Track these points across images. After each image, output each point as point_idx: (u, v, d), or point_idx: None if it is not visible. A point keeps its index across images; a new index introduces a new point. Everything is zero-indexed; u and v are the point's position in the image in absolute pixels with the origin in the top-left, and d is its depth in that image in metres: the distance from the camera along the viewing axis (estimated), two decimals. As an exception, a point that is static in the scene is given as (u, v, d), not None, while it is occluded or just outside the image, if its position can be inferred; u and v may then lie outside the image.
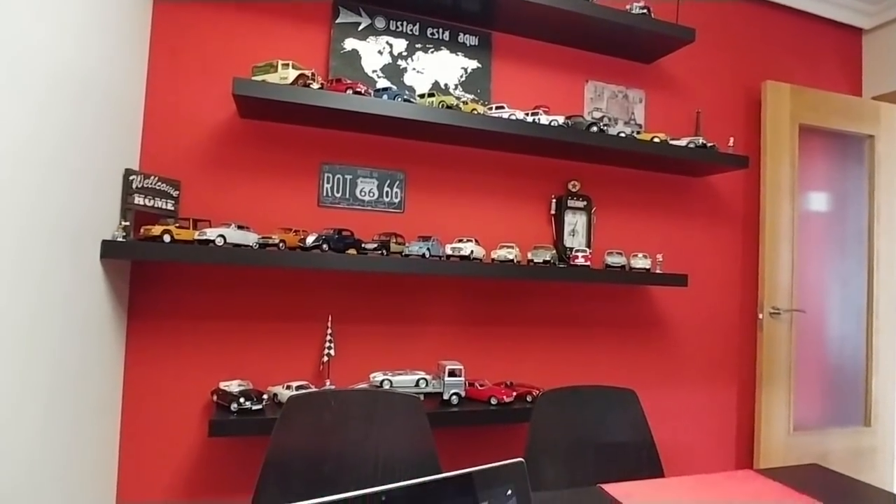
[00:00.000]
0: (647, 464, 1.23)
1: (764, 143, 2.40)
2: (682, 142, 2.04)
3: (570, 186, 2.09)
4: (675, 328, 2.29)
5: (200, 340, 1.68)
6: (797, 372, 2.47)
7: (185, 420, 1.65)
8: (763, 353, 2.38)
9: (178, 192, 1.66)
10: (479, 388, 1.78)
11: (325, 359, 1.72)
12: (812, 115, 2.51)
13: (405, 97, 1.67)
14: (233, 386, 1.60)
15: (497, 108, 1.80)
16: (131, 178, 1.52)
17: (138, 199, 1.54)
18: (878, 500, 0.98)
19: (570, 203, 2.06)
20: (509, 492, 0.48)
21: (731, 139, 2.19)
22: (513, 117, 1.77)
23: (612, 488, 0.96)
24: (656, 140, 1.97)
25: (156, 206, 1.60)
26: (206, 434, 1.65)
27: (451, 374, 1.73)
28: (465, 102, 1.79)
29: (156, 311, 1.64)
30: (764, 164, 2.39)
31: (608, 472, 1.11)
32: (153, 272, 1.65)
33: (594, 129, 1.87)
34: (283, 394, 1.59)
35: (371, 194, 1.85)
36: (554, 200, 2.07)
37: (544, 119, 1.82)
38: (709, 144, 2.05)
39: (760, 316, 2.39)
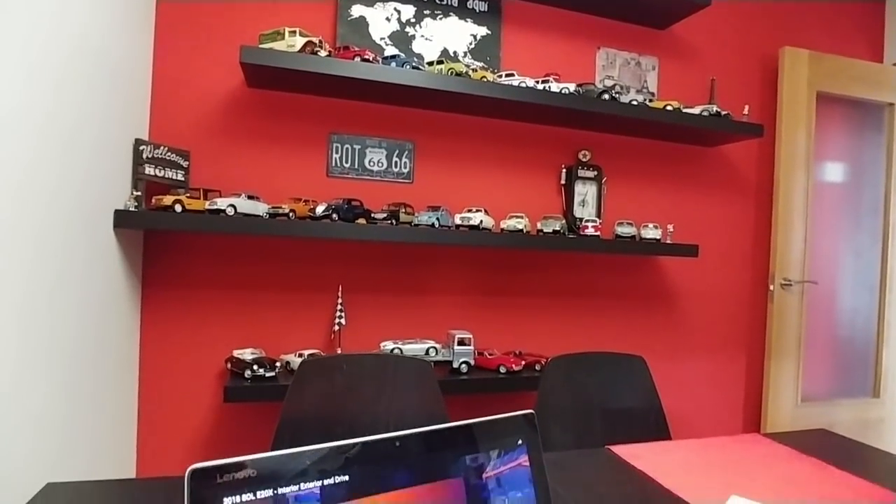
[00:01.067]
0: (654, 429, 1.24)
1: (780, 112, 2.34)
2: (696, 110, 2.00)
3: (580, 156, 2.07)
4: (684, 299, 2.29)
5: (213, 310, 1.70)
6: (806, 343, 2.46)
7: (200, 387, 1.68)
8: (773, 325, 2.38)
9: (187, 163, 1.66)
10: (489, 357, 1.80)
11: (336, 328, 1.74)
12: (830, 82, 2.44)
13: (414, 65, 1.65)
14: (246, 354, 1.63)
15: (507, 75, 1.78)
16: (141, 148, 1.53)
17: (149, 170, 1.55)
18: (885, 463, 0.99)
19: (581, 173, 2.04)
20: (520, 441, 0.49)
21: (746, 107, 2.14)
22: (523, 85, 1.75)
23: (619, 449, 0.98)
24: (669, 108, 1.94)
25: (166, 176, 1.60)
26: (221, 400, 1.69)
27: (461, 342, 1.75)
28: (474, 70, 1.76)
29: (169, 281, 1.66)
30: (779, 133, 2.35)
31: (616, 436, 1.13)
32: (165, 242, 1.66)
33: (606, 96, 1.84)
34: (296, 362, 1.62)
35: (380, 164, 1.84)
36: (564, 170, 2.05)
37: (555, 87, 1.79)
38: (723, 113, 2.01)
39: (771, 287, 2.38)
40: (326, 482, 0.39)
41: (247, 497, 0.36)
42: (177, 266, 1.67)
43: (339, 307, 1.74)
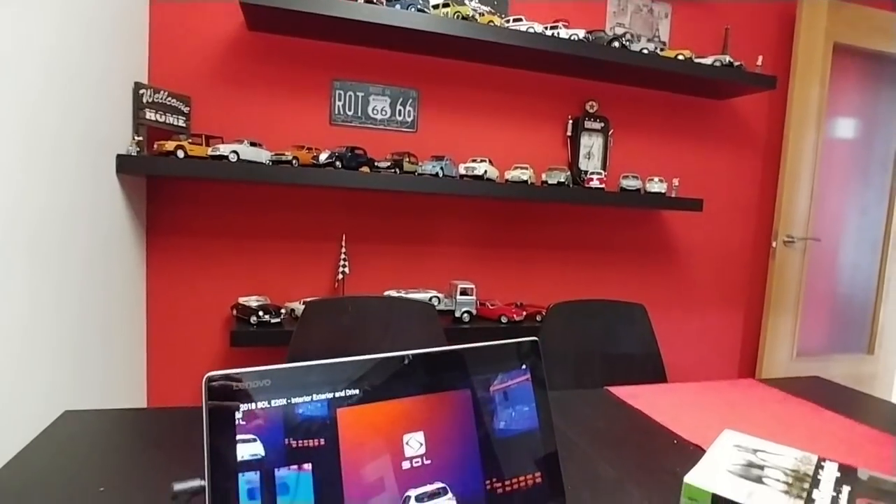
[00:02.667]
0: (652, 375, 1.27)
1: (794, 64, 2.28)
2: (708, 60, 1.94)
3: (587, 107, 2.03)
4: (687, 254, 2.29)
5: (218, 258, 1.71)
6: (805, 300, 2.48)
7: (207, 332, 1.72)
8: (773, 281, 2.39)
9: (188, 109, 1.64)
10: (490, 307, 1.82)
11: (340, 276, 1.76)
12: (849, 33, 2.36)
13: (419, 7, 1.60)
14: (251, 301, 1.66)
15: (514, 20, 1.72)
16: (141, 92, 1.50)
17: (150, 115, 1.53)
18: (877, 408, 1.02)
19: (587, 124, 2.01)
20: (524, 366, 0.50)
21: (760, 58, 2.08)
22: (531, 30, 1.69)
23: (617, 390, 1.01)
24: (680, 57, 1.89)
25: (167, 121, 1.58)
26: (227, 345, 1.72)
27: (463, 293, 1.77)
28: (481, 14, 1.70)
29: (173, 229, 1.67)
30: (792, 85, 2.29)
31: (614, 380, 1.16)
32: (168, 189, 1.66)
33: (616, 44, 1.79)
34: (300, 309, 1.64)
35: (384, 112, 1.81)
36: (570, 121, 2.01)
37: (564, 33, 1.74)
38: (736, 63, 1.95)
39: (774, 244, 2.38)
40: (338, 394, 0.40)
41: (261, 405, 0.38)
42: (180, 214, 1.67)
43: (342, 256, 1.75)
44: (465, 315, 1.76)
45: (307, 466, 0.38)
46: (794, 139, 2.32)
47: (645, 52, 1.83)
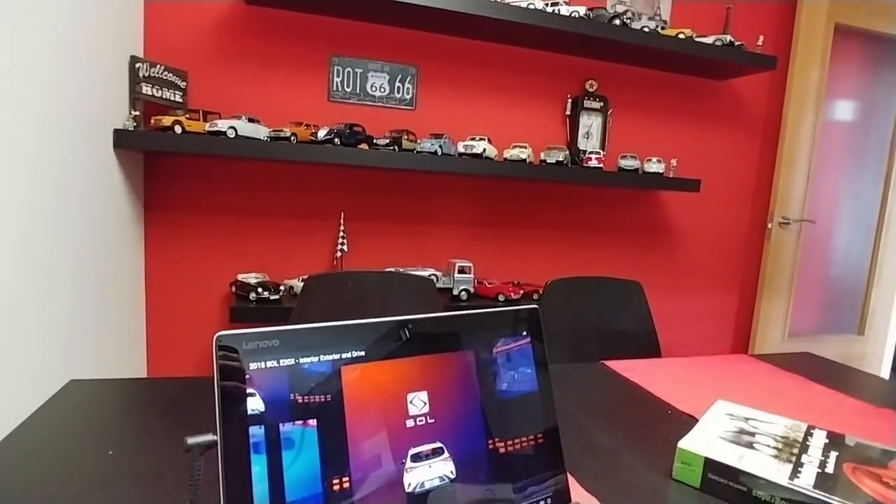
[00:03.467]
0: (647, 351, 1.29)
1: (795, 44, 2.27)
2: (709, 39, 1.93)
3: (587, 86, 2.02)
4: (683, 234, 2.31)
5: (217, 235, 1.71)
6: (798, 281, 2.51)
7: (206, 308, 1.73)
8: (767, 263, 2.41)
9: (185, 83, 1.62)
10: (488, 285, 1.83)
11: (339, 254, 1.76)
12: (851, 14, 2.35)
13: (418, -19, 1.57)
14: (250, 278, 1.66)
15: (515, -4, 1.70)
16: (137, 66, 1.48)
17: (146, 89, 1.51)
18: (866, 382, 1.04)
19: (587, 104, 2.00)
20: (524, 332, 0.51)
21: (761, 38, 2.07)
22: (531, 6, 1.68)
23: (613, 364, 1.02)
24: (681, 36, 1.87)
25: (164, 96, 1.57)
26: (227, 321, 1.73)
27: (461, 271, 1.78)
28: (481, -11, 1.68)
29: (171, 205, 1.66)
30: (792, 66, 2.28)
31: (610, 356, 1.17)
32: (166, 166, 1.65)
33: (616, 22, 1.77)
34: (299, 286, 1.65)
35: (382, 90, 1.80)
36: (570, 101, 2.00)
37: (564, 10, 1.72)
38: (737, 43, 1.94)
39: (769, 225, 2.40)
40: (344, 355, 0.42)
41: (270, 364, 0.39)
42: (178, 191, 1.67)
43: (341, 234, 1.76)
44: (463, 293, 1.77)
45: (312, 422, 0.39)
46: (793, 121, 2.32)
47: (646, 30, 1.82)
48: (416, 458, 0.42)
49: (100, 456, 0.58)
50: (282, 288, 1.65)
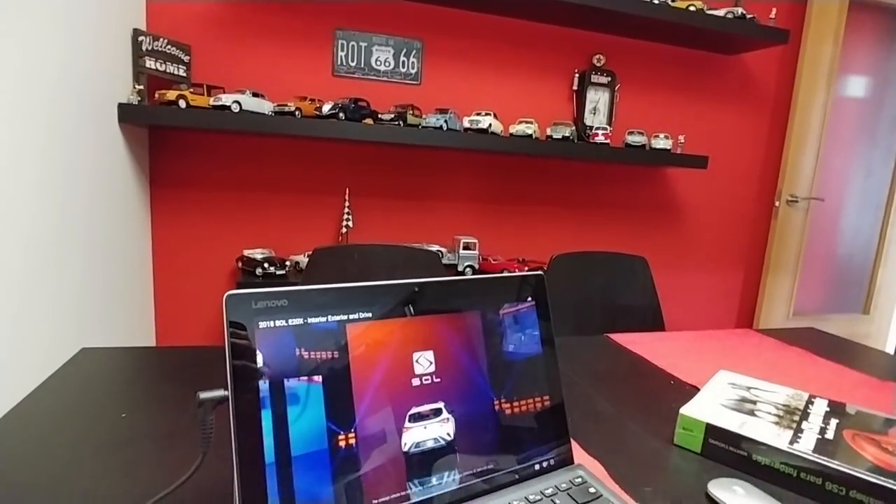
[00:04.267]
0: (651, 326, 1.30)
1: (808, 18, 2.22)
2: (720, 12, 1.89)
3: (594, 60, 1.99)
4: (690, 212, 2.30)
5: (222, 211, 1.72)
6: (805, 260, 2.50)
7: (212, 283, 1.74)
8: (774, 241, 2.40)
9: (188, 58, 1.61)
10: (493, 262, 1.84)
11: (344, 230, 1.77)
12: (866, -15, 2.29)
13: (423, -49, 1.54)
14: (256, 253, 1.67)
15: (522, -33, 1.66)
16: (140, 39, 1.47)
17: (150, 63, 1.50)
18: (870, 357, 1.05)
19: (594, 79, 1.97)
20: (529, 298, 0.52)
21: (774, 10, 2.03)
22: (539, -22, 1.64)
23: (617, 337, 1.03)
24: (692, 9, 1.83)
25: (167, 70, 1.56)
26: (234, 297, 1.75)
27: (466, 247, 1.78)
28: (487, -40, 1.65)
29: (177, 181, 1.67)
30: (805, 41, 2.24)
31: (615, 330, 1.18)
32: (170, 141, 1.65)
33: (626, -7, 1.74)
34: (304, 262, 1.66)
35: (387, 64, 1.78)
36: (577, 75, 1.98)
37: (573, -19, 1.69)
38: (748, 16, 1.90)
39: (777, 203, 2.38)
40: (351, 316, 0.42)
41: (279, 323, 0.39)
42: (183, 166, 1.67)
43: (346, 210, 1.76)
44: (468, 269, 1.78)
45: (317, 379, 0.39)
46: (804, 97, 2.28)
47: (655, 1, 1.78)
48: (414, 418, 0.43)
49: (113, 418, 0.60)
50: (287, 263, 1.66)
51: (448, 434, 0.44)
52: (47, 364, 1.02)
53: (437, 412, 0.44)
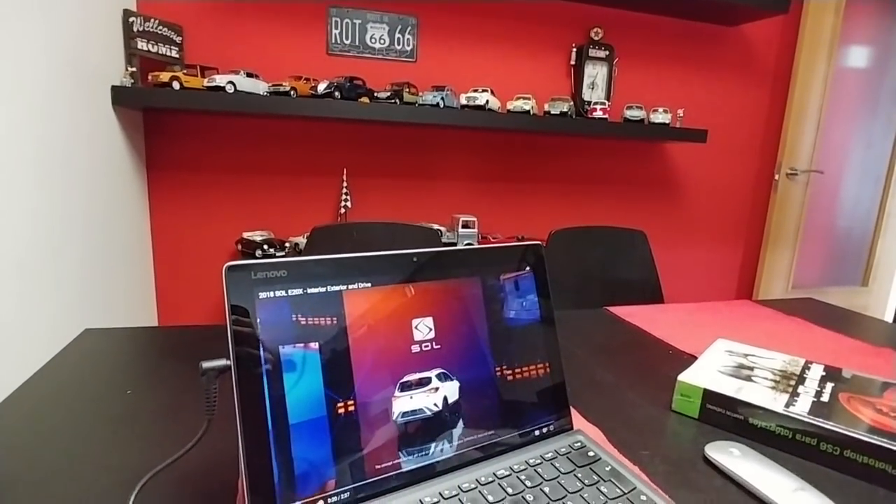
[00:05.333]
0: (650, 299, 1.30)
1: (809, -14, 2.18)
2: (719, -19, 1.86)
3: (592, 34, 1.96)
4: (689, 187, 2.29)
5: (220, 194, 1.72)
6: (804, 233, 2.50)
7: (212, 265, 1.75)
8: (773, 215, 2.40)
9: (180, 38, 1.59)
10: (492, 240, 1.84)
11: (342, 211, 1.77)
12: (868, -49, 2.24)
13: (416, -77, 1.51)
14: (255, 236, 1.68)
15: (517, -62, 1.63)
16: (131, 20, 1.45)
17: (141, 45, 1.48)
18: (869, 325, 1.05)
19: (592, 52, 1.95)
20: (528, 269, 0.52)
21: (774, -21, 1.99)
22: (535, -51, 1.61)
23: (616, 309, 1.04)
24: (691, -21, 1.80)
25: (160, 52, 1.54)
26: (235, 279, 1.75)
27: (465, 226, 1.78)
28: (482, -69, 1.61)
29: (173, 164, 1.66)
30: (805, 10, 2.20)
31: (613, 304, 1.19)
32: (165, 124, 1.64)
33: (623, -36, 1.71)
34: (303, 243, 1.66)
35: (382, 41, 1.76)
36: (574, 50, 1.95)
37: (569, -48, 1.66)
38: (748, -15, 1.87)
39: (777, 176, 2.37)
40: (350, 286, 0.42)
41: (279, 293, 0.40)
42: (180, 149, 1.66)
43: (344, 190, 1.76)
44: (467, 248, 1.78)
45: (314, 345, 0.40)
46: (805, 68, 2.26)
47: (653, -28, 1.75)
48: (403, 387, 0.43)
49: (118, 395, 0.61)
50: (287, 245, 1.66)
51: (435, 405, 0.44)
52: (50, 346, 1.03)
53: (426, 382, 0.44)
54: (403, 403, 0.43)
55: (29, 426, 0.53)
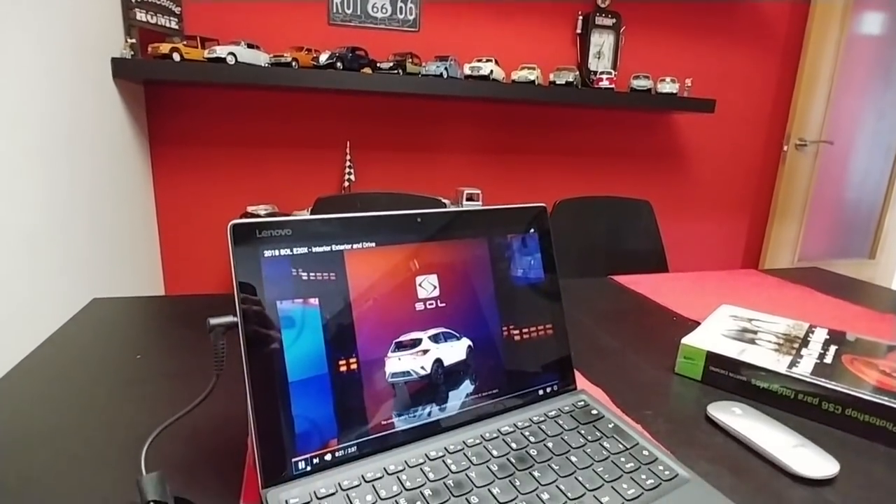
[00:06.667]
0: (655, 269, 1.30)
1: (823, -51, 2.11)
2: (731, -56, 1.80)
3: (598, 1, 1.92)
4: (696, 158, 2.26)
5: (224, 167, 1.71)
6: (812, 205, 2.48)
7: (217, 241, 1.75)
8: (781, 186, 2.38)
9: (179, 9, 1.56)
10: (497, 213, 1.83)
11: (346, 184, 1.76)
12: (887, -89, 2.16)
13: None
14: (260, 209, 1.68)
15: None
16: (129, -11, 1.43)
17: (140, 15, 1.46)
18: (871, 293, 1.05)
19: (598, 21, 1.91)
20: (532, 230, 0.52)
21: (787, -59, 1.93)
22: (540, -89, 1.56)
23: (621, 278, 1.04)
24: (701, -59, 1.75)
25: (159, 23, 1.52)
26: (240, 253, 1.76)
27: (469, 198, 1.77)
28: None
29: (176, 139, 1.65)
30: (819, -26, 2.14)
31: (618, 273, 1.19)
32: (167, 97, 1.62)
33: (632, -74, 1.66)
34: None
35: (384, 10, 1.72)
36: (580, 18, 1.91)
37: (576, -86, 1.61)
38: (760, -52, 1.82)
39: (785, 148, 2.34)
40: (355, 245, 0.43)
41: (284, 251, 0.40)
42: (182, 123, 1.65)
43: (347, 163, 1.75)
44: (472, 221, 1.77)
45: (319, 303, 0.40)
46: (817, 35, 2.20)
47: (663, -65, 1.70)
48: (398, 347, 0.43)
49: (129, 359, 0.62)
50: (292, 218, 1.66)
51: (422, 367, 0.44)
52: (59, 317, 1.04)
53: (416, 343, 0.44)
54: (393, 364, 0.43)
55: (41, 388, 0.54)
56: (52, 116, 1.05)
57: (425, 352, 0.44)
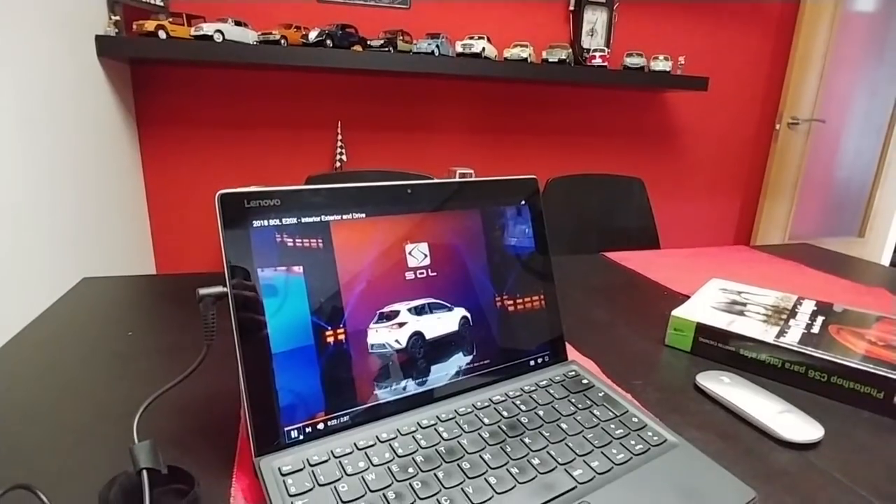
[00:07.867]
0: (647, 247, 1.31)
1: (819, -77, 2.09)
2: (725, -82, 1.78)
3: (592, -23, 1.89)
4: (688, 137, 2.26)
5: (213, 147, 1.69)
6: (803, 183, 2.49)
7: (207, 220, 1.74)
8: (773, 165, 2.38)
9: (164, -15, 1.53)
10: (489, 193, 1.83)
11: (338, 164, 1.75)
12: None
13: None
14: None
15: None
16: (110, -35, 1.39)
17: (123, -9, 1.43)
18: (861, 268, 1.06)
19: (591, -3, 1.88)
20: (523, 202, 0.52)
21: (782, -85, 1.90)
22: None
23: (612, 255, 1.04)
24: (695, -85, 1.72)
25: (143, -1, 1.48)
26: (232, 235, 1.75)
27: (462, 177, 1.76)
28: None
29: (164, 118, 1.63)
30: (814, -51, 2.12)
31: (610, 250, 1.19)
32: (154, 77, 1.60)
33: None
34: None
35: (373, -14, 1.69)
36: (573, -6, 1.89)
37: None
38: (755, -79, 1.79)
39: (777, 126, 2.34)
40: (344, 216, 0.42)
41: (273, 222, 0.39)
42: (169, 103, 1.62)
43: (339, 144, 1.73)
44: (465, 201, 1.77)
45: (306, 272, 0.40)
46: (810, 11, 2.19)
47: None
48: (380, 318, 0.43)
49: (120, 336, 0.62)
50: (283, 199, 1.65)
51: (397, 341, 0.43)
52: (48, 296, 1.04)
53: (393, 315, 0.43)
54: (372, 336, 0.42)
55: (33, 363, 0.54)
56: (35, 95, 1.03)
57: (402, 325, 0.44)
